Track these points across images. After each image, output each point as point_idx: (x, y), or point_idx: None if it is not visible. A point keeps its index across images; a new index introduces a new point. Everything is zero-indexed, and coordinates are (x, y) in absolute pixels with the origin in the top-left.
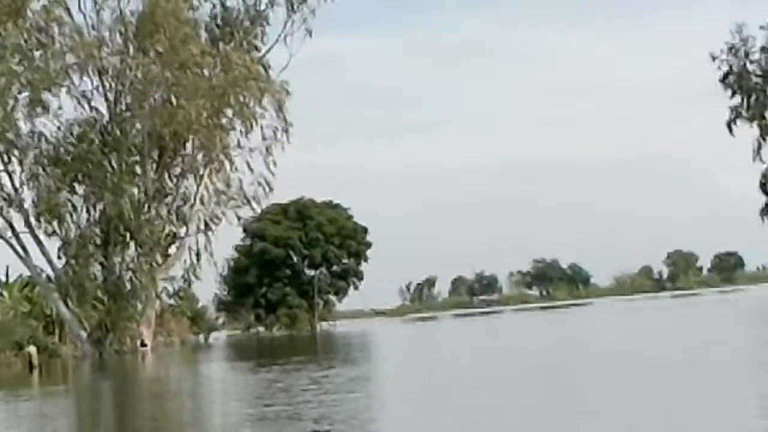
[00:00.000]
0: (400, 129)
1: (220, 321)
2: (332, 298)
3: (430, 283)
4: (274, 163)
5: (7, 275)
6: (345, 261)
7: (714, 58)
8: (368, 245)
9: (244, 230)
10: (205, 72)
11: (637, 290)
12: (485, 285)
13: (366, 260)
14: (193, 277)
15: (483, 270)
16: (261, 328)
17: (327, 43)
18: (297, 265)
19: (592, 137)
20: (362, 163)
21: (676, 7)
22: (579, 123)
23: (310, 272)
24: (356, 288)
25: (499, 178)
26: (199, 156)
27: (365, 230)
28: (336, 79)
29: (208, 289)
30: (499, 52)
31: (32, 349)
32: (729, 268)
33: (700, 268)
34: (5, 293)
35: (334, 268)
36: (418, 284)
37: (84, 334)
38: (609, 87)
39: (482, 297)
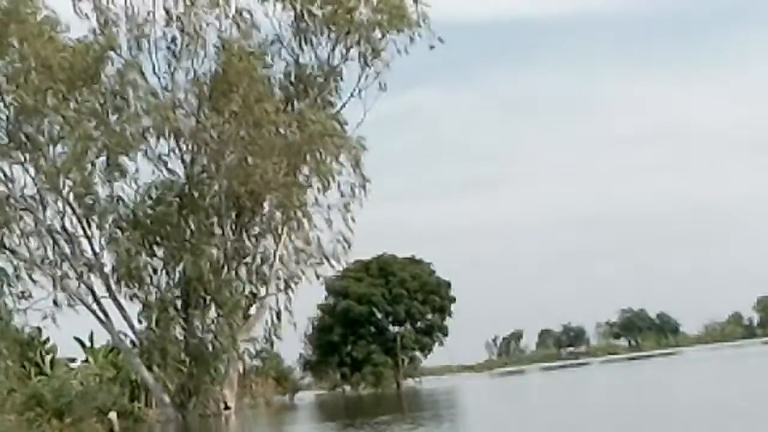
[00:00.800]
0: (476, 183)
1: (306, 381)
2: (417, 354)
3: (517, 336)
4: (353, 220)
5: (91, 341)
6: (429, 316)
7: None
8: (452, 300)
9: (327, 289)
10: (281, 130)
11: (728, 338)
12: (572, 337)
13: (450, 315)
14: (274, 337)
15: (570, 322)
16: (347, 387)
17: (397, 99)
18: (381, 322)
19: (667, 185)
20: (441, 217)
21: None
22: (657, 171)
23: (395, 329)
24: (441, 343)
25: (579, 230)
26: (277, 215)
27: (449, 285)
28: (408, 134)
29: (293, 349)
30: (570, 102)
31: (113, 415)
32: None
33: None
34: (91, 359)
35: (419, 324)
36: (505, 338)
37: (167, 398)
38: (684, 133)
39: (570, 349)
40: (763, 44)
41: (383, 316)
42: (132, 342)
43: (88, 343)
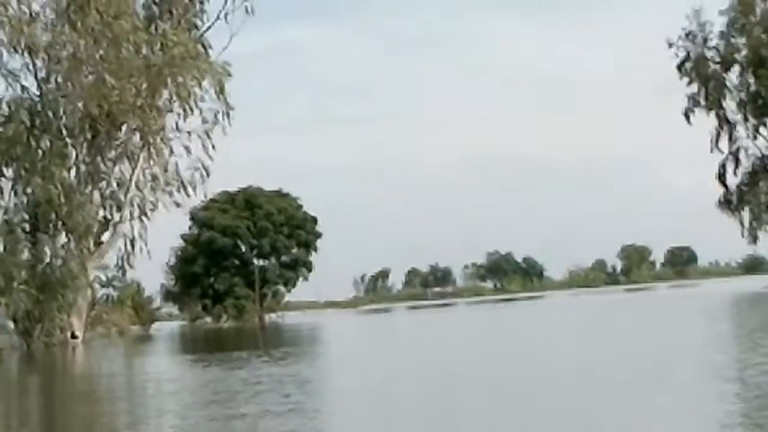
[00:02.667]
0: (351, 120)
1: (167, 311)
2: (281, 288)
3: (384, 274)
4: (213, 147)
5: None
6: (294, 251)
7: (671, 45)
8: (318, 235)
9: (192, 219)
10: (141, 50)
11: (591, 284)
12: (439, 277)
13: (316, 250)
14: (127, 266)
15: (437, 262)
16: (208, 319)
17: (282, 33)
18: (245, 254)
19: (547, 131)
20: (314, 154)
21: None
22: (533, 116)
23: (258, 262)
24: (305, 278)
25: (451, 171)
26: (135, 139)
27: (315, 220)
28: (290, 69)
29: (156, 279)
30: (454, 43)
31: None
32: (682, 263)
33: (654, 263)
34: None
35: (283, 258)
36: (372, 276)
37: (11, 325)
38: (563, 80)
39: (436, 289)
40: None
41: (247, 248)
42: None
43: None
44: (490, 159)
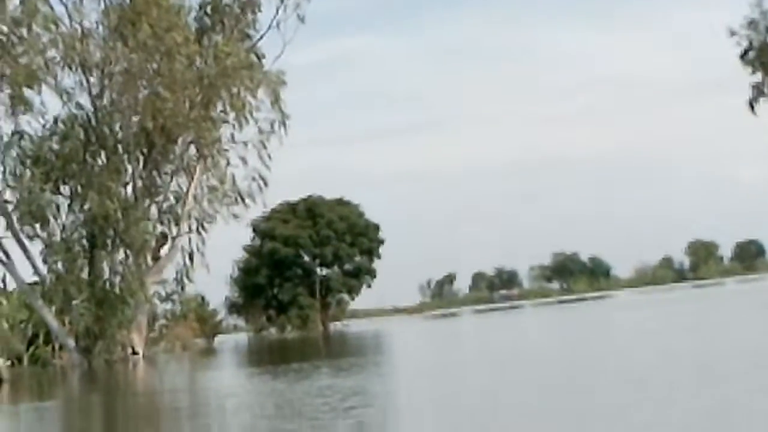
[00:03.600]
0: (408, 128)
1: (231, 323)
2: (345, 296)
3: (450, 279)
4: (270, 157)
5: (3, 282)
6: (357, 258)
7: (733, 34)
8: (381, 242)
9: (253, 230)
10: (194, 62)
11: (658, 281)
12: (505, 280)
13: (379, 257)
14: (186, 280)
15: (503, 265)
16: (273, 330)
17: (335, 44)
18: (307, 264)
19: (608, 131)
20: (373, 162)
21: None
22: (593, 117)
23: (322, 271)
24: (369, 286)
25: (513, 174)
26: (191, 152)
27: (377, 227)
28: (346, 80)
29: (221, 292)
30: (501, 51)
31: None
32: (750, 256)
33: (721, 258)
34: (3, 301)
35: (346, 266)
36: (438, 281)
37: (72, 343)
38: (620, 80)
39: (502, 292)
40: None
41: (310, 258)
42: (36, 283)
43: (0, 285)
44: (551, 160)
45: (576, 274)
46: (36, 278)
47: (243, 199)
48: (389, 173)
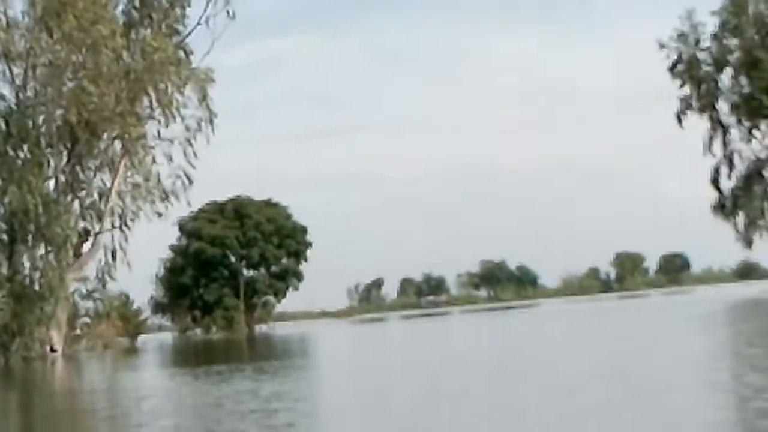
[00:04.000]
0: (339, 131)
1: (155, 323)
2: (271, 298)
3: (378, 284)
4: (195, 155)
5: None
6: (284, 261)
7: (662, 46)
8: (308, 245)
9: (180, 229)
10: (121, 57)
11: (585, 291)
12: (433, 286)
13: (306, 260)
14: (108, 277)
15: (431, 271)
16: (198, 330)
17: (268, 45)
18: (234, 265)
19: (537, 140)
20: (305, 165)
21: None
22: (522, 125)
23: (248, 272)
24: (296, 288)
25: (442, 182)
26: (116, 147)
27: (305, 230)
28: (279, 80)
29: (147, 290)
30: (440, 54)
31: None
32: (675, 269)
33: (647, 270)
34: None
35: (273, 268)
36: (366, 285)
37: None
38: (551, 90)
39: (430, 298)
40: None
41: (236, 259)
42: None
43: None
44: (482, 168)
45: (503, 282)
46: None
47: (167, 197)
48: (320, 175)
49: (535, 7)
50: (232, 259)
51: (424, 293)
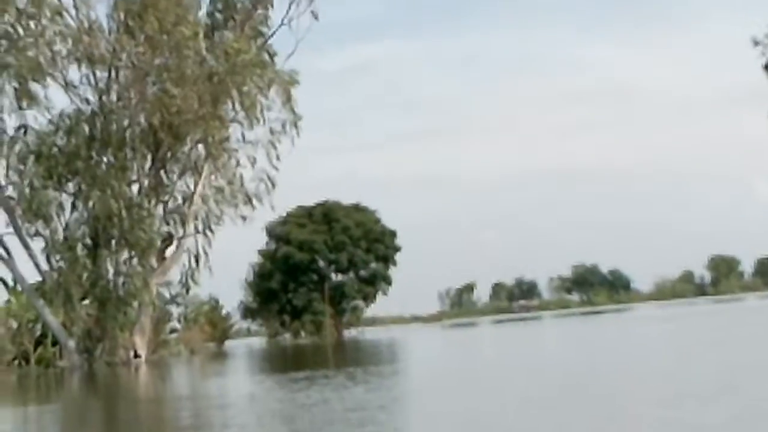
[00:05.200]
0: (427, 135)
1: (246, 328)
2: (360, 303)
3: (470, 288)
4: (278, 158)
5: (14, 281)
6: (372, 265)
7: (756, 43)
8: (397, 249)
9: (268, 234)
10: (205, 59)
11: (678, 295)
12: (525, 290)
13: (395, 264)
14: (191, 282)
15: (523, 275)
16: (287, 335)
17: (354, 51)
18: (322, 269)
19: (624, 141)
20: (392, 168)
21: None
22: (607, 127)
23: (337, 277)
24: (385, 293)
25: (536, 184)
26: (199, 151)
27: (394, 234)
28: (363, 86)
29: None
30: (517, 59)
31: None
32: None
33: (742, 273)
34: (13, 299)
35: (361, 272)
36: (457, 289)
37: (72, 344)
38: (643, 91)
39: (522, 302)
40: (707, 5)
41: (325, 263)
42: (41, 283)
43: (11, 284)
44: (575, 172)
45: (596, 287)
46: (39, 278)
47: (251, 201)
48: (408, 179)
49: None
50: (321, 263)
51: (516, 297)
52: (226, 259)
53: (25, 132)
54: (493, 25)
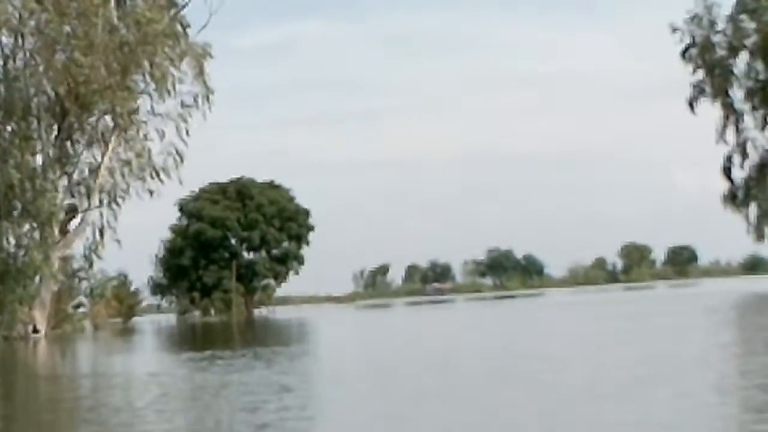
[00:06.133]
0: (347, 115)
1: (153, 304)
2: (271, 282)
3: (384, 269)
4: (188, 133)
5: None
6: (285, 244)
7: (675, 30)
8: (310, 228)
9: (181, 209)
10: (116, 28)
11: (591, 282)
12: (439, 273)
13: (308, 244)
14: (95, 256)
15: (437, 258)
16: (197, 313)
17: (280, 29)
18: (234, 247)
19: (547, 128)
20: (313, 149)
21: None
22: (534, 114)
23: (248, 255)
24: (297, 273)
25: (452, 168)
26: (107, 122)
27: (307, 213)
28: (289, 64)
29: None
30: (453, 41)
31: None
32: (682, 262)
33: (654, 261)
34: None
35: (274, 251)
36: (372, 271)
37: None
38: (562, 78)
39: (435, 285)
40: None
41: (237, 241)
42: None
43: None
44: (490, 156)
45: (510, 271)
46: None
47: (158, 175)
48: (326, 161)
49: None
50: (233, 241)
51: (430, 280)
52: (136, 235)
53: None
54: (421, 6)
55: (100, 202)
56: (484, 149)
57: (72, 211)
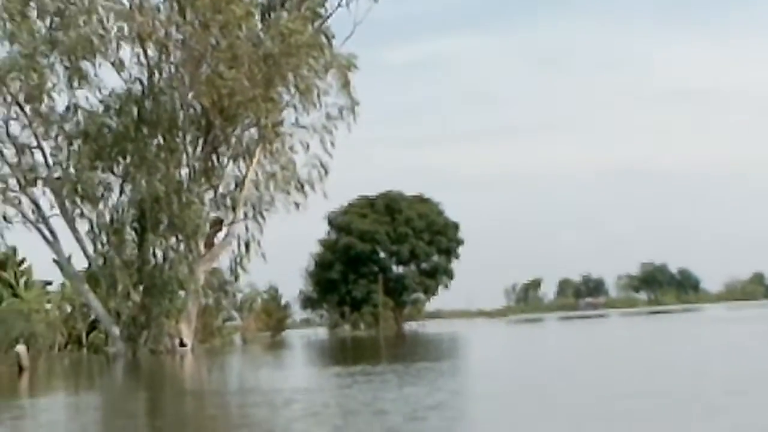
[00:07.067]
0: (498, 131)
1: (303, 318)
2: (421, 296)
3: (536, 284)
4: (332, 145)
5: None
6: (434, 258)
7: None
8: (460, 242)
9: (330, 223)
10: (260, 40)
11: (749, 297)
12: (592, 287)
13: (457, 257)
14: (240, 269)
15: (590, 272)
16: (346, 327)
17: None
18: (383, 260)
19: (702, 143)
20: (464, 164)
21: None
22: (687, 128)
23: (398, 269)
24: (446, 286)
25: (605, 183)
26: (252, 135)
27: (456, 226)
28: (438, 79)
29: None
30: (605, 57)
31: (21, 348)
32: None
33: None
34: (68, 282)
35: (423, 265)
36: (524, 285)
37: (116, 331)
38: (716, 92)
39: (588, 299)
40: None
41: (386, 254)
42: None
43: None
44: (644, 172)
45: (664, 286)
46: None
47: (303, 187)
48: (477, 175)
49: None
50: (382, 254)
51: (583, 295)
52: (286, 249)
53: (75, 111)
54: (570, 23)
55: (245, 214)
56: (634, 166)
57: (217, 224)
